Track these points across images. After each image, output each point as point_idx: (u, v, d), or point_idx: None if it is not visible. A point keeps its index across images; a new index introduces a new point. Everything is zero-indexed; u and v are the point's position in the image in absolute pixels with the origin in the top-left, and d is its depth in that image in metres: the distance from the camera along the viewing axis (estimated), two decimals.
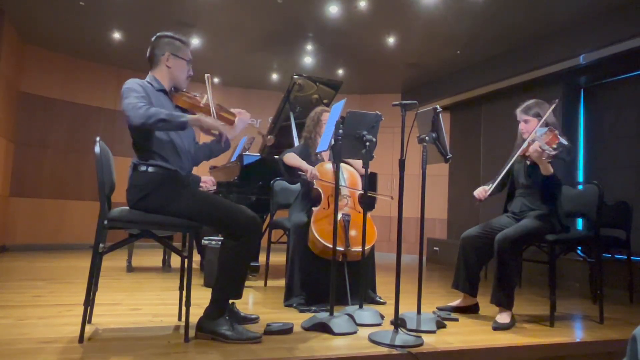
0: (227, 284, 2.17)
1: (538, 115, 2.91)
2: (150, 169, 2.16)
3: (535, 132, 2.80)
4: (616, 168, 4.90)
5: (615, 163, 4.92)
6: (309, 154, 3.37)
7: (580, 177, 5.21)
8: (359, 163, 3.38)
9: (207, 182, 4.34)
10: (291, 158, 3.32)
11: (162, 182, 2.16)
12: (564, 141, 2.64)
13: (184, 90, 2.39)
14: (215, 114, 2.26)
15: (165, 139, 2.19)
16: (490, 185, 2.94)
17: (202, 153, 2.44)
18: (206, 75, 2.35)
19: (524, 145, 2.84)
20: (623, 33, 4.21)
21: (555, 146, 2.51)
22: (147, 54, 2.35)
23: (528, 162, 2.86)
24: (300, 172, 3.27)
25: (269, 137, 2.53)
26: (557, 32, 4.84)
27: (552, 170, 2.68)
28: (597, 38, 4.44)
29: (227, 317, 2.18)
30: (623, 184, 4.76)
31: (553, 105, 2.88)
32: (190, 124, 2.12)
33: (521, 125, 2.99)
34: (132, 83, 2.17)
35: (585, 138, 5.26)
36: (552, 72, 5.02)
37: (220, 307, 2.18)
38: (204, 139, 2.47)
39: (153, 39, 2.35)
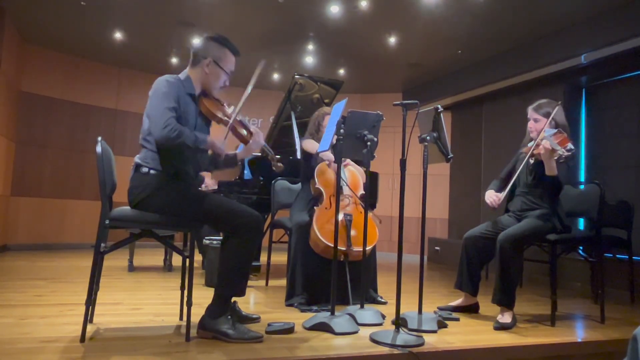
0: (229, 281, 2.18)
1: (548, 115, 2.90)
2: (152, 171, 2.17)
3: (543, 132, 2.79)
4: (617, 167, 4.89)
5: (616, 162, 4.92)
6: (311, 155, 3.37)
7: (582, 176, 5.21)
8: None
9: (209, 183, 4.38)
10: (308, 143, 3.38)
11: (163, 183, 2.17)
12: (571, 146, 2.64)
13: (214, 97, 2.34)
14: (232, 128, 2.27)
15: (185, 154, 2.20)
16: (503, 192, 2.91)
17: (208, 161, 2.45)
18: (262, 61, 2.26)
19: (530, 144, 2.83)
20: (624, 32, 4.20)
21: (567, 147, 2.51)
22: (192, 49, 2.32)
23: (531, 161, 2.86)
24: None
25: (278, 164, 2.52)
26: (558, 32, 4.83)
27: (556, 172, 2.68)
28: (599, 37, 4.43)
29: (229, 316, 2.18)
30: (624, 183, 4.75)
31: (556, 107, 2.87)
32: (206, 147, 2.20)
33: (530, 124, 2.98)
34: (165, 85, 2.13)
35: (586, 137, 5.25)
36: (553, 71, 5.01)
37: (222, 305, 2.18)
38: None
39: (205, 36, 2.32)
